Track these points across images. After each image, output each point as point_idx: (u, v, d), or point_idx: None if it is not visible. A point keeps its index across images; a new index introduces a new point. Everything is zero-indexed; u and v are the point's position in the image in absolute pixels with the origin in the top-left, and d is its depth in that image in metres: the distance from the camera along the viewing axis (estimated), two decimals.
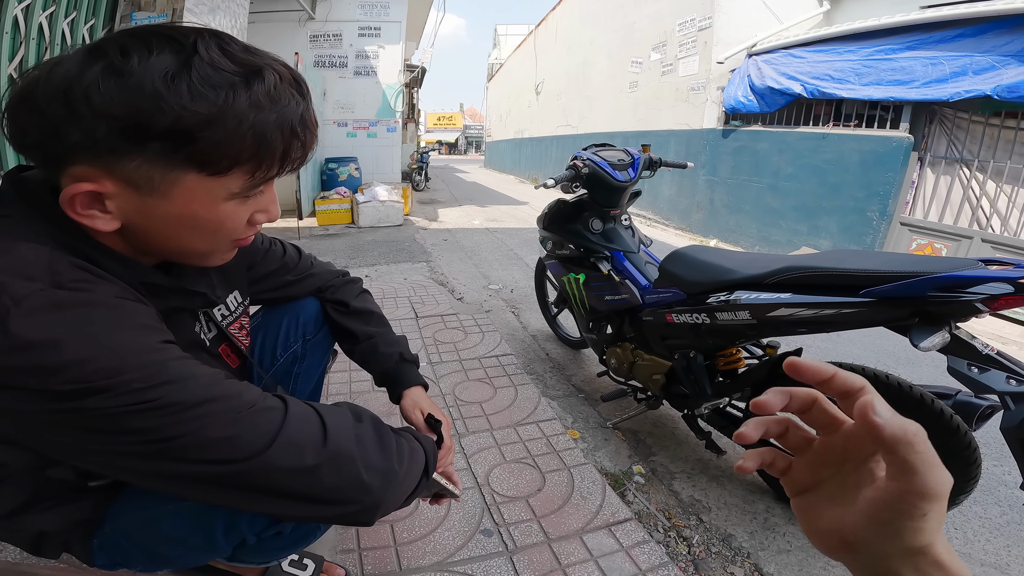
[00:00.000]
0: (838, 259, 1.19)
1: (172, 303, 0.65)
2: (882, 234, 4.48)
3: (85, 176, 0.51)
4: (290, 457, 0.55)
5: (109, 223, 0.54)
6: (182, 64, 0.49)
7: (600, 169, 1.78)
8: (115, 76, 0.48)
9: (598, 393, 2.16)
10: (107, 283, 0.54)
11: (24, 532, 0.69)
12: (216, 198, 0.56)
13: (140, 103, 0.48)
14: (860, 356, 2.76)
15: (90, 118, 0.48)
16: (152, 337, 0.53)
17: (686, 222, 6.91)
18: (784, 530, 1.46)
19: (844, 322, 1.14)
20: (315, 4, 6.57)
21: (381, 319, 1.07)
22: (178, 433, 0.50)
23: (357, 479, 0.59)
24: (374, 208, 5.94)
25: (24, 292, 0.47)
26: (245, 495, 0.55)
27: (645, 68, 7.87)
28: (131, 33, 0.51)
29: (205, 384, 0.53)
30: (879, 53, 4.35)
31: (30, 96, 0.49)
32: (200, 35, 0.51)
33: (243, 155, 0.54)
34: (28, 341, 0.46)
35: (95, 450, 0.51)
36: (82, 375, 0.47)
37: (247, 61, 0.52)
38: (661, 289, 1.60)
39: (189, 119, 0.49)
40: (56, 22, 2.16)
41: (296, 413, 0.58)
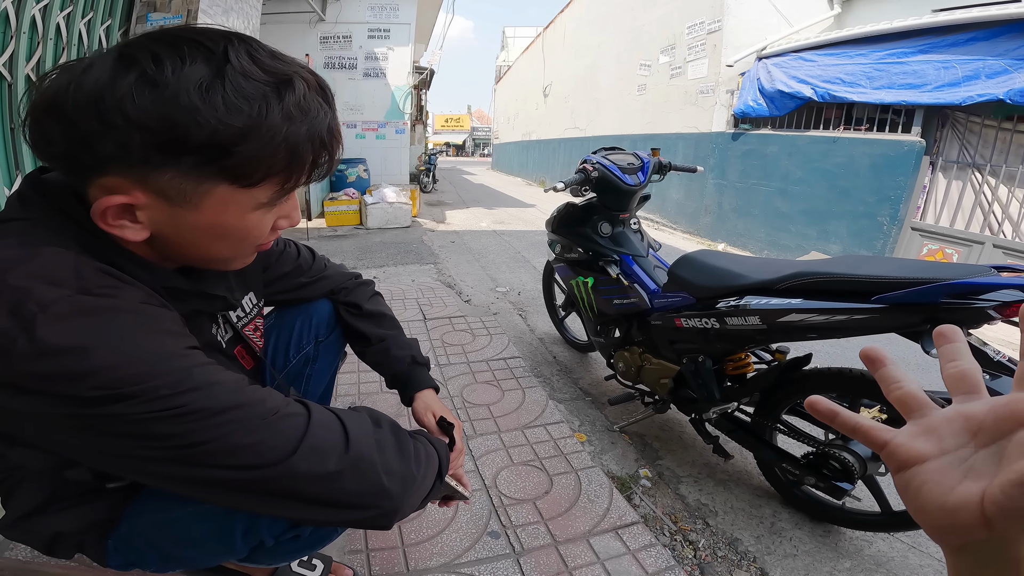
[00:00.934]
0: (849, 265, 1.18)
1: (193, 306, 0.66)
2: (893, 239, 4.45)
3: (116, 187, 0.51)
4: (313, 463, 0.55)
5: (139, 233, 0.54)
6: (215, 73, 0.48)
7: (609, 173, 1.78)
8: (150, 87, 0.47)
9: (605, 396, 2.16)
10: (132, 288, 0.54)
11: (40, 533, 0.69)
12: (245, 208, 0.57)
13: (176, 116, 0.47)
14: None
15: (125, 130, 0.47)
16: (178, 343, 0.53)
17: (694, 226, 6.88)
18: (791, 534, 1.46)
19: (855, 328, 1.14)
20: (325, 6, 6.62)
21: (393, 322, 1.08)
22: (204, 439, 0.50)
23: (378, 484, 0.59)
24: (382, 210, 5.97)
25: (51, 298, 0.47)
26: (268, 500, 0.55)
27: (653, 71, 7.86)
28: (159, 39, 0.50)
29: (230, 390, 0.53)
30: (891, 56, 4.32)
31: (58, 104, 0.47)
32: (229, 41, 0.51)
33: (275, 167, 0.54)
34: (56, 347, 0.45)
35: (120, 455, 0.51)
36: (110, 381, 0.47)
37: (276, 69, 0.52)
38: (670, 293, 1.60)
39: (224, 133, 0.49)
40: (73, 22, 2.17)
41: (319, 419, 0.58)
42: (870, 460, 1.25)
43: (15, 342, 0.44)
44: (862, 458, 1.25)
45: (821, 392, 1.37)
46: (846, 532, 1.47)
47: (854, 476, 1.25)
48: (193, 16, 2.75)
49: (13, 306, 0.45)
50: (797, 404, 1.45)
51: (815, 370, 1.38)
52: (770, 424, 1.48)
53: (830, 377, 1.32)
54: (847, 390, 1.30)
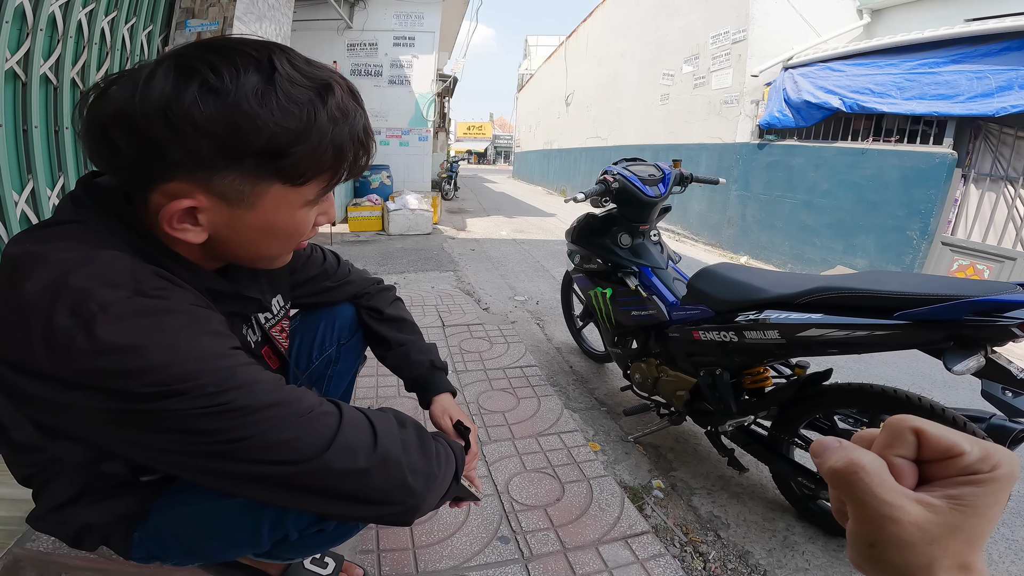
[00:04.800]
0: (872, 280, 1.17)
1: (230, 308, 0.68)
2: (922, 254, 4.33)
3: (181, 192, 0.54)
4: (344, 460, 0.58)
5: (199, 235, 0.57)
6: (266, 81, 0.52)
7: (630, 184, 1.79)
8: (213, 95, 0.50)
9: (620, 407, 2.16)
10: (182, 290, 0.57)
11: (70, 524, 0.71)
12: (295, 206, 0.60)
13: (239, 121, 0.50)
14: (893, 378, 2.67)
15: (193, 136, 0.50)
16: (223, 343, 0.56)
17: (716, 238, 6.81)
18: (803, 548, 1.44)
19: (877, 344, 1.13)
20: (352, 13, 6.78)
21: (413, 327, 1.11)
22: (245, 435, 0.53)
23: (403, 482, 0.62)
24: (404, 216, 6.06)
25: (111, 299, 0.49)
26: (300, 494, 0.58)
27: (677, 80, 7.83)
28: (209, 49, 0.53)
29: (270, 389, 0.56)
30: (922, 67, 4.23)
31: (126, 115, 0.50)
32: (271, 50, 0.54)
33: (323, 166, 0.58)
34: (114, 345, 0.48)
35: (164, 448, 0.53)
36: (162, 379, 0.49)
37: (316, 75, 0.55)
38: (689, 306, 1.60)
39: (281, 136, 0.52)
40: (117, 28, 2.25)
41: (350, 419, 0.61)
42: None
43: (75, 340, 0.47)
44: None
45: (841, 407, 1.37)
46: None
47: None
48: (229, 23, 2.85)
49: (74, 306, 0.48)
50: (816, 418, 1.43)
51: (835, 385, 1.37)
52: (787, 438, 1.47)
53: (851, 393, 1.31)
54: (868, 406, 1.29)
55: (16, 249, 0.54)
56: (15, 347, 0.49)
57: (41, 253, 0.52)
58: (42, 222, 0.61)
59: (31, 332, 0.48)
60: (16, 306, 0.50)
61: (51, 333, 0.47)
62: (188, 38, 2.76)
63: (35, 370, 0.49)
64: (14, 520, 1.24)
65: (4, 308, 0.51)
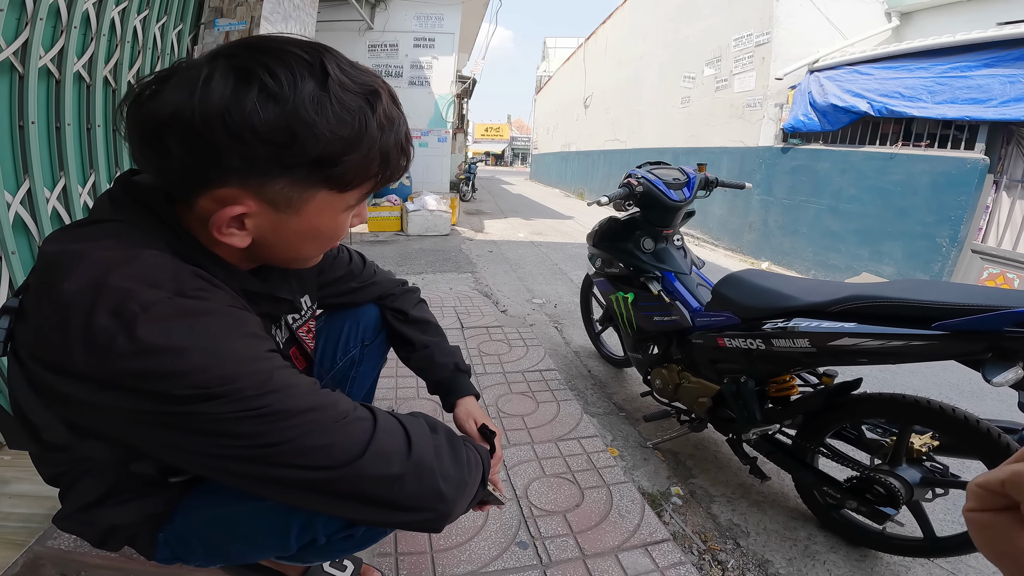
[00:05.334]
0: (908, 289, 1.14)
1: (263, 308, 0.68)
2: (951, 262, 4.22)
3: (232, 198, 0.53)
4: (379, 466, 0.57)
5: (243, 240, 0.57)
6: (321, 86, 0.51)
7: (654, 188, 1.77)
8: (272, 101, 0.49)
9: (639, 412, 2.14)
10: (221, 291, 0.57)
11: (96, 525, 0.70)
12: (338, 211, 0.60)
13: (297, 129, 0.50)
14: (921, 388, 2.61)
15: (252, 144, 0.49)
16: (260, 346, 0.55)
17: (737, 243, 6.72)
18: (825, 558, 1.42)
19: (912, 354, 1.10)
20: (374, 15, 6.85)
21: (437, 329, 1.10)
22: (281, 439, 0.52)
23: (435, 488, 0.61)
24: (423, 217, 6.09)
25: (152, 299, 0.49)
26: (332, 500, 0.57)
27: (698, 83, 7.76)
28: (262, 49, 0.52)
29: (306, 393, 0.55)
30: (954, 70, 4.13)
31: (183, 119, 0.49)
32: (320, 53, 0.53)
33: (370, 173, 0.58)
34: (154, 346, 0.47)
35: (198, 451, 0.53)
36: (201, 381, 0.49)
37: (364, 81, 0.55)
38: (713, 312, 1.57)
39: (335, 144, 0.52)
40: (148, 26, 2.28)
41: (384, 424, 0.60)
42: (917, 486, 1.23)
43: (115, 340, 0.47)
44: (909, 484, 1.22)
45: (870, 416, 1.34)
46: (883, 557, 1.43)
47: (899, 501, 1.22)
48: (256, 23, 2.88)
49: (116, 306, 0.47)
50: (843, 428, 1.40)
51: (865, 395, 1.34)
52: (813, 447, 1.44)
53: (882, 403, 1.29)
54: (899, 416, 1.27)
55: (54, 247, 0.53)
56: (51, 346, 0.49)
57: (80, 251, 0.52)
58: (78, 221, 0.60)
59: (69, 331, 0.47)
60: (54, 305, 0.49)
61: (91, 333, 0.47)
62: (217, 37, 2.80)
63: (71, 370, 0.48)
64: (36, 518, 1.26)
65: (41, 307, 0.51)
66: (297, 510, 0.71)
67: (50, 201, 1.79)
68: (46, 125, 1.82)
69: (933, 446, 1.26)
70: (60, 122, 1.85)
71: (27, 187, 1.69)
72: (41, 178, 1.74)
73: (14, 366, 0.54)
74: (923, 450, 1.25)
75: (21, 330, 0.54)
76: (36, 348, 0.51)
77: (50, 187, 1.81)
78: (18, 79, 1.67)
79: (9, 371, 0.56)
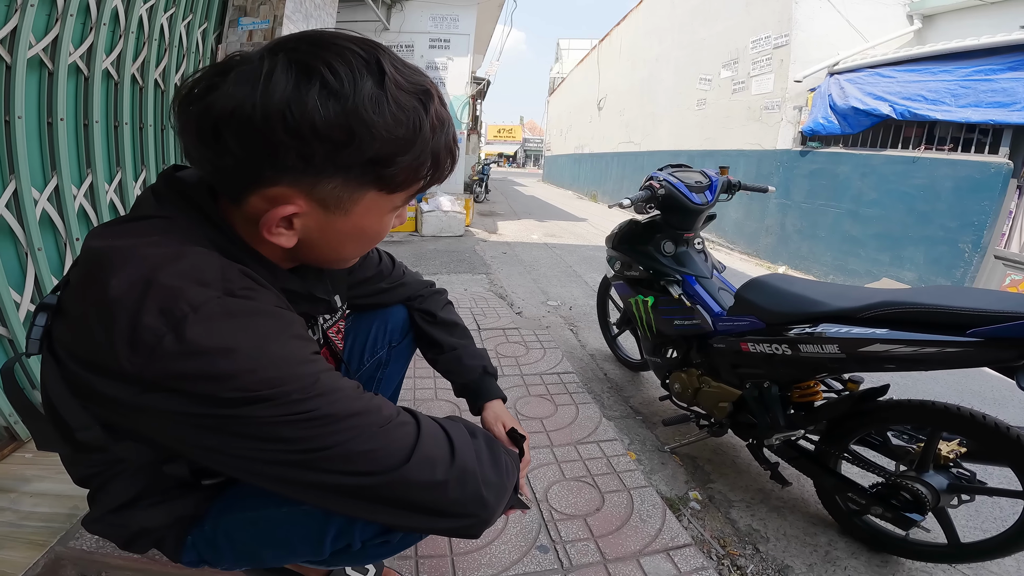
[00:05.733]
0: (940, 296, 1.12)
1: (302, 308, 0.66)
2: (974, 267, 4.14)
3: (284, 197, 0.52)
4: (424, 472, 0.56)
5: (291, 240, 0.56)
6: (378, 85, 0.50)
7: (676, 191, 1.75)
8: (333, 99, 0.48)
9: (656, 416, 2.12)
10: (267, 291, 0.55)
11: (126, 527, 0.69)
12: (384, 211, 0.59)
13: (356, 128, 0.49)
14: (943, 394, 2.56)
15: (311, 142, 0.48)
16: (307, 348, 0.54)
17: (753, 247, 6.65)
18: (846, 564, 1.41)
19: (944, 361, 1.08)
20: (390, 15, 6.88)
21: (465, 331, 1.09)
22: (326, 444, 0.51)
23: (477, 494, 0.60)
24: (437, 218, 6.11)
25: (202, 299, 0.47)
26: (375, 506, 0.56)
27: (714, 85, 7.70)
28: (320, 44, 0.50)
29: (351, 397, 0.54)
30: (978, 73, 4.07)
31: (244, 116, 0.47)
32: (376, 50, 0.52)
33: (420, 175, 0.57)
34: (203, 347, 0.46)
35: (240, 455, 0.51)
36: (248, 384, 0.47)
37: (417, 80, 0.54)
38: (736, 317, 1.56)
39: (391, 145, 0.51)
40: (175, 24, 2.30)
41: (427, 429, 0.59)
42: (944, 492, 1.22)
43: (163, 340, 0.45)
44: (936, 490, 1.21)
45: (896, 423, 1.33)
46: (904, 563, 1.42)
47: (926, 507, 1.22)
48: (279, 22, 2.91)
49: (164, 305, 0.46)
50: (868, 434, 1.39)
51: (893, 401, 1.33)
52: (837, 453, 1.43)
53: (910, 409, 1.27)
54: (927, 423, 1.26)
55: (99, 243, 0.52)
56: (94, 345, 0.48)
57: (127, 248, 0.50)
58: (122, 216, 0.59)
59: (114, 330, 0.46)
60: (99, 303, 0.47)
61: (137, 332, 0.45)
62: (240, 36, 2.83)
63: (114, 370, 0.46)
64: (58, 517, 1.26)
65: (85, 305, 0.49)
66: (335, 515, 0.70)
67: (77, 198, 1.82)
68: (74, 122, 1.84)
69: (961, 453, 1.24)
70: (88, 119, 1.88)
71: (55, 184, 1.72)
72: (69, 175, 1.76)
73: (50, 364, 0.52)
74: (951, 456, 1.24)
75: (60, 328, 0.52)
76: (77, 346, 0.50)
77: (77, 184, 1.84)
78: (47, 76, 1.69)
79: (44, 369, 0.54)
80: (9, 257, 1.58)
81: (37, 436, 0.59)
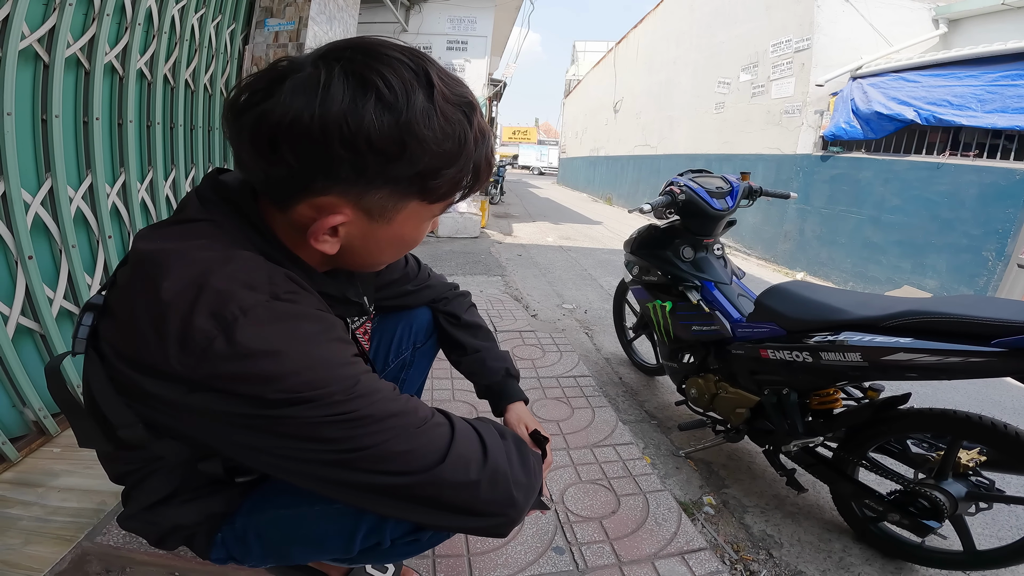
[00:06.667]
0: (964, 305, 1.12)
1: (337, 311, 0.66)
2: (997, 276, 4.05)
3: (332, 206, 0.53)
4: (458, 472, 0.57)
5: (334, 246, 0.57)
6: (428, 98, 0.50)
7: (697, 196, 1.75)
8: (388, 112, 0.48)
9: (671, 421, 2.12)
10: (309, 295, 0.57)
11: (159, 525, 0.69)
12: (424, 220, 0.61)
13: (408, 141, 0.49)
14: (962, 403, 2.52)
15: (364, 153, 0.49)
16: (347, 350, 0.55)
17: (771, 252, 6.58)
18: (860, 570, 1.40)
19: (968, 371, 1.08)
20: (408, 17, 6.94)
21: (488, 334, 1.11)
22: (365, 444, 0.52)
23: (508, 494, 0.61)
24: (453, 219, 6.15)
25: (251, 302, 0.48)
26: (410, 505, 0.57)
27: (733, 89, 7.63)
28: (369, 53, 0.50)
29: (389, 398, 0.55)
30: (1005, 79, 4.00)
31: (303, 125, 0.47)
32: (424, 61, 0.52)
33: (461, 186, 0.58)
34: (252, 350, 0.47)
35: (281, 455, 0.52)
36: (293, 385, 0.48)
37: (461, 93, 0.54)
38: (756, 323, 1.56)
39: (439, 159, 0.52)
40: (204, 25, 2.34)
41: (461, 430, 0.60)
42: (962, 500, 1.22)
43: (213, 342, 0.46)
44: (955, 497, 1.22)
45: (917, 431, 1.33)
46: (919, 570, 1.41)
47: (943, 515, 1.22)
48: (304, 23, 2.95)
49: (215, 308, 0.47)
50: (887, 442, 1.39)
51: (914, 410, 1.32)
52: (855, 460, 1.43)
53: (932, 418, 1.27)
54: (948, 431, 1.26)
55: (149, 246, 0.53)
56: (144, 345, 0.49)
57: (178, 251, 0.51)
58: (168, 219, 0.61)
59: (166, 331, 0.47)
60: (151, 304, 0.48)
61: (189, 334, 0.46)
62: (267, 37, 2.88)
63: (163, 370, 0.48)
64: (85, 512, 1.27)
65: (135, 306, 0.50)
66: (367, 513, 0.71)
67: (110, 196, 1.87)
68: (109, 122, 1.88)
69: (980, 461, 1.24)
70: (123, 119, 1.91)
71: (89, 182, 1.76)
72: (103, 174, 1.81)
73: (95, 363, 0.53)
74: (970, 465, 1.24)
75: (107, 327, 0.53)
76: (126, 346, 0.51)
77: (110, 183, 1.88)
78: (84, 75, 1.73)
79: (87, 368, 0.54)
80: (43, 253, 1.62)
81: (79, 433, 0.61)
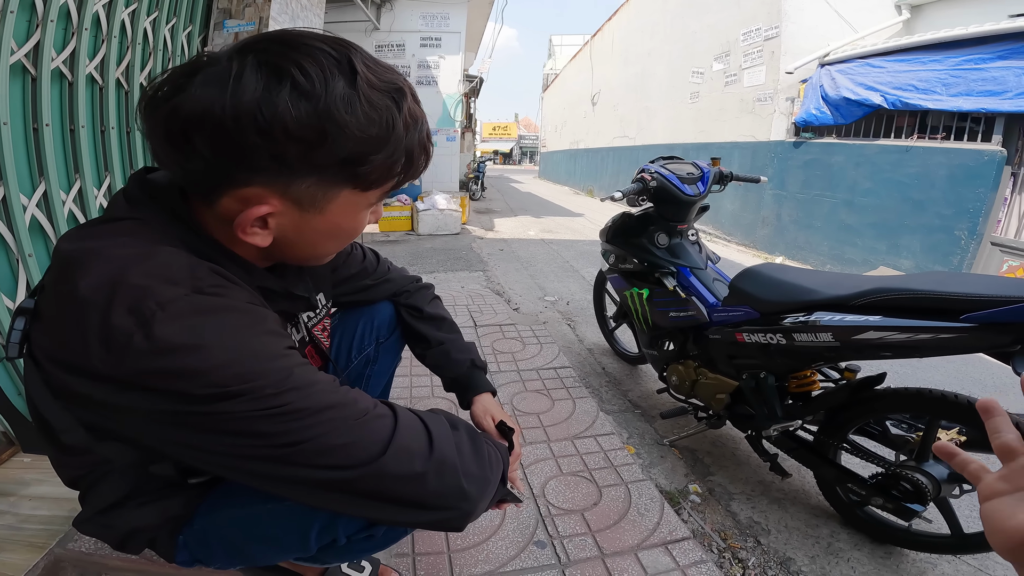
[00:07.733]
0: (933, 281, 1.12)
1: (280, 306, 0.67)
2: (971, 254, 4.16)
3: (257, 198, 0.52)
4: (401, 464, 0.55)
5: (266, 239, 0.56)
6: (350, 84, 0.50)
7: (668, 183, 1.75)
8: (305, 100, 0.48)
9: (655, 409, 2.12)
10: (239, 288, 0.55)
11: (116, 528, 0.69)
12: (359, 209, 0.60)
13: (328, 128, 0.49)
14: (942, 382, 2.54)
15: (283, 143, 0.48)
16: (279, 343, 0.54)
17: (750, 238, 6.66)
18: (849, 555, 1.40)
19: (939, 347, 1.08)
20: (379, 15, 6.85)
21: (452, 325, 1.09)
22: (302, 438, 0.51)
23: (458, 487, 0.60)
24: (433, 216, 6.10)
25: (170, 296, 0.47)
26: (354, 499, 0.56)
27: (707, 79, 7.70)
28: (288, 43, 0.50)
29: (326, 391, 0.54)
30: (968, 63, 4.09)
31: (213, 118, 0.47)
32: (348, 49, 0.52)
33: (394, 172, 0.57)
34: (172, 345, 0.46)
35: (217, 451, 0.51)
36: (220, 379, 0.47)
37: (389, 79, 0.54)
38: (731, 307, 1.55)
39: (364, 144, 0.51)
40: (159, 28, 2.28)
41: (405, 421, 0.59)
42: (944, 482, 1.21)
43: (132, 339, 0.45)
44: (936, 480, 1.20)
45: (894, 412, 1.32)
46: (908, 554, 1.41)
47: (926, 498, 1.21)
48: (265, 23, 2.88)
49: (132, 304, 0.46)
50: (867, 424, 1.38)
51: (890, 390, 1.32)
52: (836, 443, 1.42)
53: (908, 398, 1.26)
54: (924, 411, 1.25)
55: (69, 246, 0.52)
56: (68, 346, 0.48)
57: (96, 249, 0.51)
58: (94, 219, 0.59)
59: (86, 331, 0.46)
60: (70, 304, 0.48)
61: (108, 332, 0.46)
62: (226, 38, 2.81)
63: (89, 370, 0.47)
64: (57, 520, 1.26)
65: (57, 307, 0.50)
66: (318, 511, 0.70)
67: (66, 203, 1.81)
68: (60, 128, 1.83)
69: (960, 441, 1.23)
70: (74, 124, 1.86)
71: (43, 190, 1.70)
72: (57, 181, 1.75)
73: (31, 368, 0.53)
74: None
75: (37, 331, 0.52)
76: (53, 349, 0.50)
77: (66, 189, 1.82)
78: (31, 81, 1.67)
79: (26, 373, 0.54)
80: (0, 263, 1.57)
81: (24, 439, 0.59)
